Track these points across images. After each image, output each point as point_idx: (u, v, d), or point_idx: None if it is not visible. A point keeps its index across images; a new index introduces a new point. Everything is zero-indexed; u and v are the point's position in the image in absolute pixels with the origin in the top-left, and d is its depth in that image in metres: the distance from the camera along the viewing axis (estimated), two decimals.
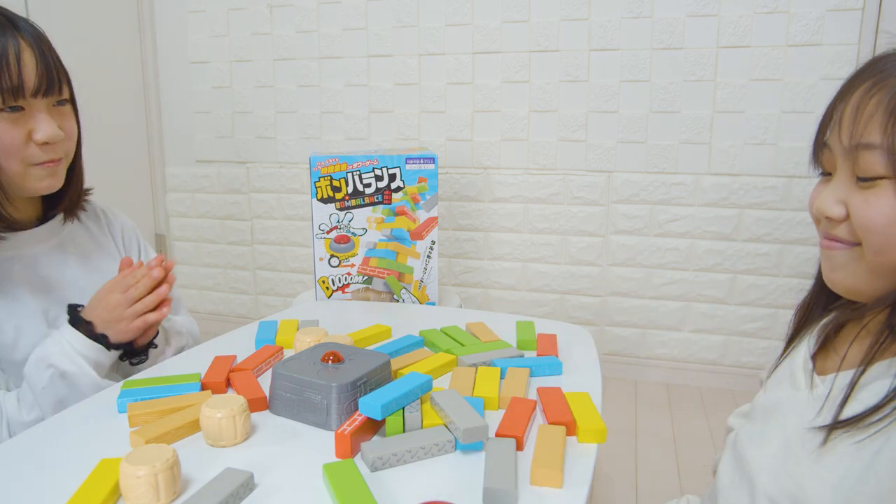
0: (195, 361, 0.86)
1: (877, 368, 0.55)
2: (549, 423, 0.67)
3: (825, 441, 0.55)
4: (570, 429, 0.67)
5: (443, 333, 0.96)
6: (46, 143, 0.80)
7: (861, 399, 0.54)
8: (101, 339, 0.84)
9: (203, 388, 0.77)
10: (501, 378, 0.79)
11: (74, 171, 0.92)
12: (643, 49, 1.83)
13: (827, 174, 0.61)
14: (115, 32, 2.20)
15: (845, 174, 0.57)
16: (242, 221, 2.33)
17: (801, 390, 0.62)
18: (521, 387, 0.75)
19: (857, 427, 0.53)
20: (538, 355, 0.88)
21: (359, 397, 0.69)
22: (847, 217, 0.57)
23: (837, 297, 0.66)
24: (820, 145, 0.61)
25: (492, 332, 0.96)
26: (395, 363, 0.83)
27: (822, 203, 0.58)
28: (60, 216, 0.95)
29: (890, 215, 0.53)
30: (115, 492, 0.55)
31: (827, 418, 0.56)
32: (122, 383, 0.78)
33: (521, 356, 0.86)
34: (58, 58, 0.82)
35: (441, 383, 0.80)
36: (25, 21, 0.80)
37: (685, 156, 1.86)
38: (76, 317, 0.85)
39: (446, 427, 0.65)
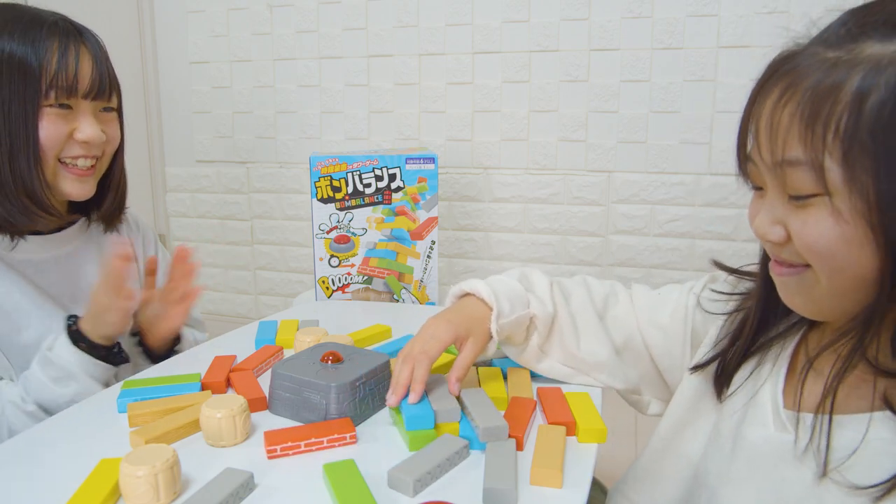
0: (195, 361, 0.86)
1: (880, 418, 0.48)
2: (549, 423, 0.67)
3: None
4: (570, 429, 0.67)
5: None
6: (86, 143, 0.84)
7: (865, 455, 0.48)
8: (95, 350, 0.85)
9: (203, 388, 0.77)
10: (504, 378, 0.79)
11: (115, 179, 0.95)
12: (643, 49, 1.83)
13: (759, 188, 0.55)
14: (115, 32, 2.19)
15: (776, 191, 0.51)
16: (242, 221, 2.33)
17: (769, 429, 0.56)
18: (525, 387, 0.75)
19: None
20: None
21: (358, 397, 0.69)
22: (789, 239, 0.51)
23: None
24: (744, 158, 0.55)
25: None
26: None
27: (759, 227, 0.53)
28: (83, 221, 0.96)
29: (832, 236, 0.47)
30: (115, 492, 0.55)
31: (836, 477, 0.49)
32: (122, 383, 0.78)
33: None
34: (112, 69, 0.89)
35: None
36: (90, 32, 0.87)
37: (685, 156, 1.86)
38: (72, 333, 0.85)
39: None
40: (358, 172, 1.22)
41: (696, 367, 0.67)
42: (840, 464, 0.49)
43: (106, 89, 0.86)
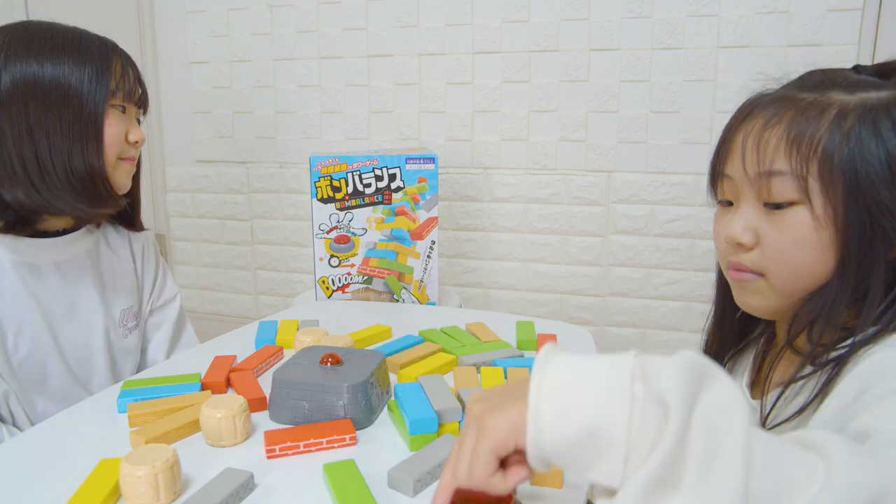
0: (195, 361, 0.86)
1: (796, 389, 0.59)
2: None
3: None
4: None
5: (443, 333, 0.96)
6: (137, 143, 0.92)
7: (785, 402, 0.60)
8: None
9: (203, 388, 0.77)
10: (504, 378, 0.79)
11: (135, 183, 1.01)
12: (643, 49, 1.83)
13: (727, 203, 0.65)
14: (115, 32, 2.19)
15: (752, 202, 0.61)
16: (242, 221, 2.33)
17: None
18: None
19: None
20: None
21: (370, 395, 0.69)
22: (756, 244, 0.61)
23: (748, 324, 0.73)
24: (718, 175, 0.66)
25: (492, 332, 0.96)
26: (399, 358, 0.84)
27: (733, 230, 0.62)
28: (85, 229, 0.97)
29: (804, 240, 0.58)
30: (115, 492, 0.55)
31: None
32: (122, 383, 0.78)
33: (522, 356, 0.86)
34: None
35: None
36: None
37: (685, 156, 1.86)
38: None
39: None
40: (358, 172, 1.22)
41: None
42: (774, 422, 0.60)
43: (147, 99, 0.97)
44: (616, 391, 0.37)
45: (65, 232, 0.92)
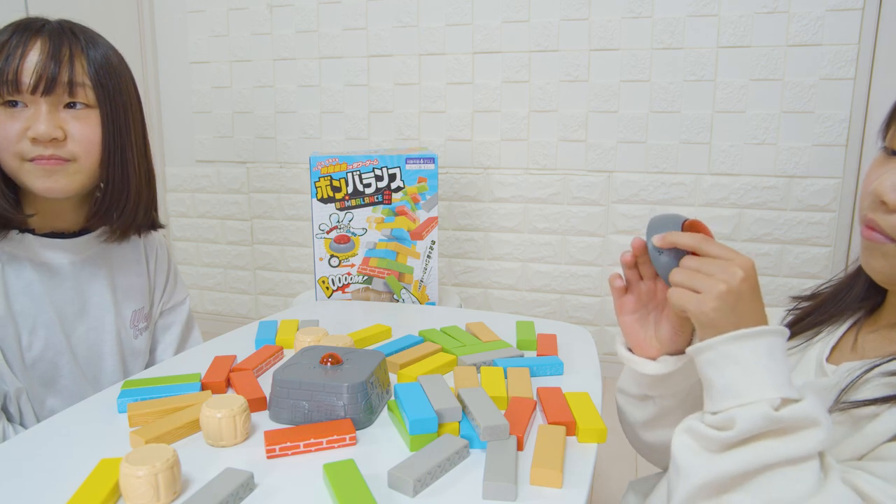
0: (195, 361, 0.86)
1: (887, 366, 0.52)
2: (549, 423, 0.67)
3: None
4: (570, 429, 0.67)
5: (443, 333, 0.96)
6: (35, 139, 0.79)
7: (864, 392, 0.52)
8: None
9: (203, 388, 0.77)
10: (504, 378, 0.79)
11: (116, 184, 0.88)
12: (643, 49, 1.83)
13: (892, 152, 0.56)
14: (115, 32, 2.19)
15: None
16: (242, 221, 2.33)
17: (810, 377, 0.60)
18: (525, 386, 0.75)
19: (848, 413, 0.51)
20: (538, 355, 0.88)
21: (371, 395, 0.69)
22: None
23: (870, 291, 0.62)
24: (893, 119, 0.56)
25: (492, 332, 0.96)
26: (399, 358, 0.84)
27: (881, 185, 0.53)
28: (102, 230, 0.93)
29: None
30: (115, 492, 0.55)
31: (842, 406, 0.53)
32: (122, 383, 0.78)
33: (521, 356, 0.86)
34: (90, 64, 0.82)
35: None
36: (61, 24, 0.81)
37: (685, 156, 1.86)
38: None
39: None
40: (358, 172, 1.22)
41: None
42: (848, 395, 0.53)
43: (59, 84, 0.79)
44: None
45: (80, 233, 0.92)
